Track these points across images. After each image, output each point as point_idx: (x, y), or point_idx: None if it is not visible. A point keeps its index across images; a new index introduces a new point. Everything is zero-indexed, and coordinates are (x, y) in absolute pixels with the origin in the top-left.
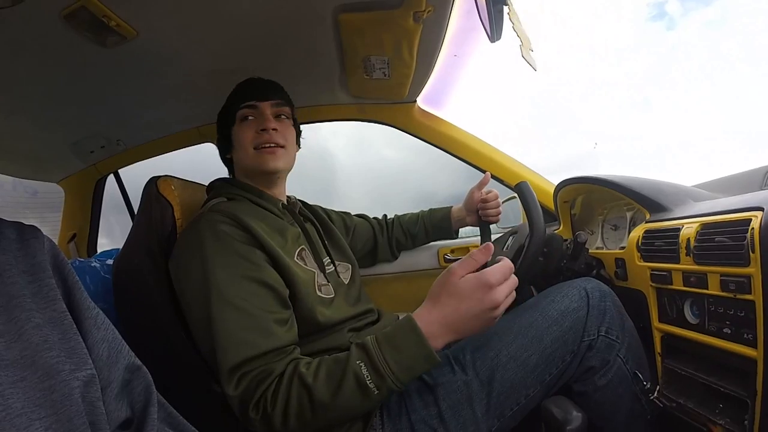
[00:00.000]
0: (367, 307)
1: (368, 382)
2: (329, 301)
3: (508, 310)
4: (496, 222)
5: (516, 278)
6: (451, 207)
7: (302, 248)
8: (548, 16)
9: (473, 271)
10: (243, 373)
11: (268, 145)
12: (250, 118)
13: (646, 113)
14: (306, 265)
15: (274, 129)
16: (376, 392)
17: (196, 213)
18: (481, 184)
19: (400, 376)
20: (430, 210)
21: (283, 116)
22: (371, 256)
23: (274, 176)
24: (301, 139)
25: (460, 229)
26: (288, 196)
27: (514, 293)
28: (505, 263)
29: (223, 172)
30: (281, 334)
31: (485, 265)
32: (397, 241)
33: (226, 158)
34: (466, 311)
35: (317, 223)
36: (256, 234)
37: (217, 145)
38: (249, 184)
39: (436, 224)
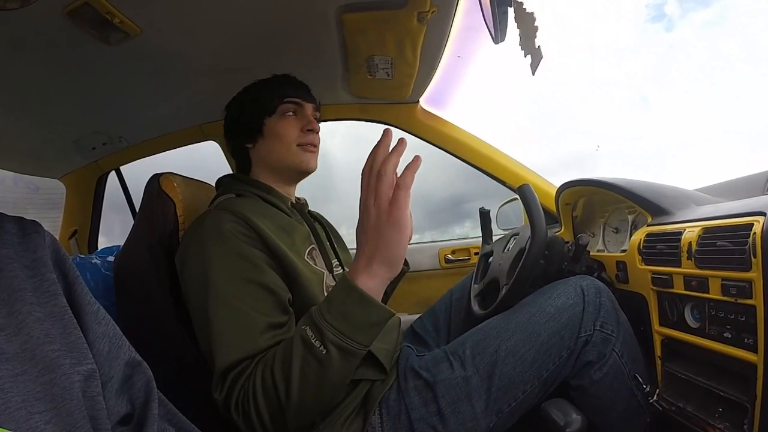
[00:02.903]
0: None
1: (313, 340)
2: None
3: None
4: None
5: (387, 173)
6: None
7: (312, 247)
8: (548, 16)
9: None
10: (226, 375)
11: (312, 145)
12: (291, 114)
13: (646, 113)
14: (315, 264)
15: (317, 132)
16: (324, 351)
17: (201, 210)
18: None
19: (337, 325)
20: None
21: (317, 121)
22: None
23: (305, 176)
24: None
25: (461, 231)
26: (297, 197)
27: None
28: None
29: (221, 171)
30: (267, 338)
31: (488, 264)
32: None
33: (244, 147)
34: (367, 229)
35: (325, 225)
36: (261, 233)
37: (231, 132)
38: (259, 181)
39: None
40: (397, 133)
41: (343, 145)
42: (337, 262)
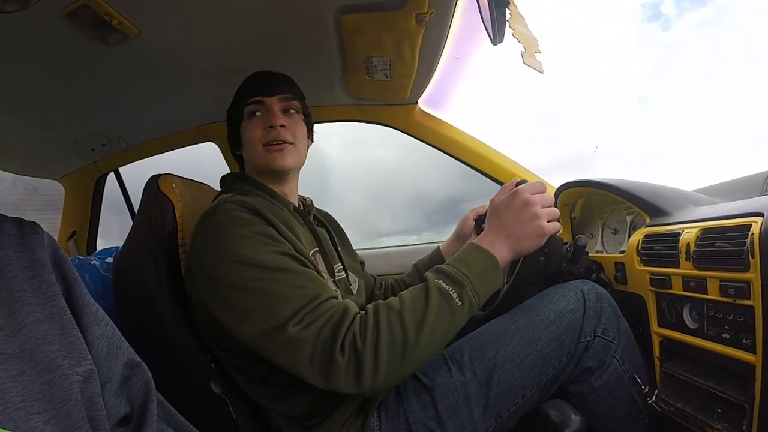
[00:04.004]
0: None
1: (451, 291)
2: None
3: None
4: None
5: (551, 196)
6: (438, 246)
7: (315, 250)
8: (548, 16)
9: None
10: (311, 314)
11: (276, 142)
12: (257, 114)
13: (645, 113)
14: (318, 268)
15: (282, 125)
16: (459, 303)
17: (200, 211)
18: (474, 214)
19: (476, 285)
20: (420, 260)
21: (292, 110)
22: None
23: (284, 174)
24: (314, 133)
25: None
26: (303, 198)
27: (554, 207)
28: (529, 183)
29: (219, 172)
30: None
31: None
32: (392, 292)
33: (237, 155)
34: (509, 219)
35: (330, 228)
36: (273, 222)
37: (228, 142)
38: (260, 182)
39: (427, 263)
40: (390, 133)
41: (341, 146)
42: (340, 266)
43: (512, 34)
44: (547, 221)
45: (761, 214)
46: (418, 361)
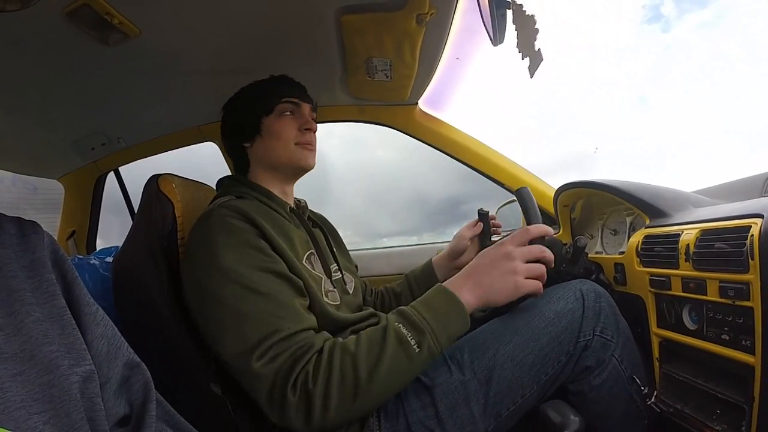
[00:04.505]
0: (368, 312)
1: (409, 338)
2: (335, 308)
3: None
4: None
5: (540, 248)
6: (431, 258)
7: (311, 252)
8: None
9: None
10: (275, 347)
11: (309, 144)
12: (289, 113)
13: (645, 114)
14: (314, 270)
15: (314, 131)
16: (417, 350)
17: (202, 210)
18: (471, 228)
19: (438, 332)
20: (411, 271)
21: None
22: None
23: (303, 173)
24: None
25: None
26: (297, 200)
27: (544, 258)
28: (522, 229)
29: (219, 172)
30: (309, 316)
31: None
32: (382, 300)
33: (242, 146)
34: (483, 264)
35: (325, 229)
36: (265, 231)
37: (228, 132)
38: (259, 185)
39: (418, 275)
40: (389, 134)
41: (340, 146)
42: (336, 267)
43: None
44: (527, 277)
45: (761, 216)
46: (371, 404)
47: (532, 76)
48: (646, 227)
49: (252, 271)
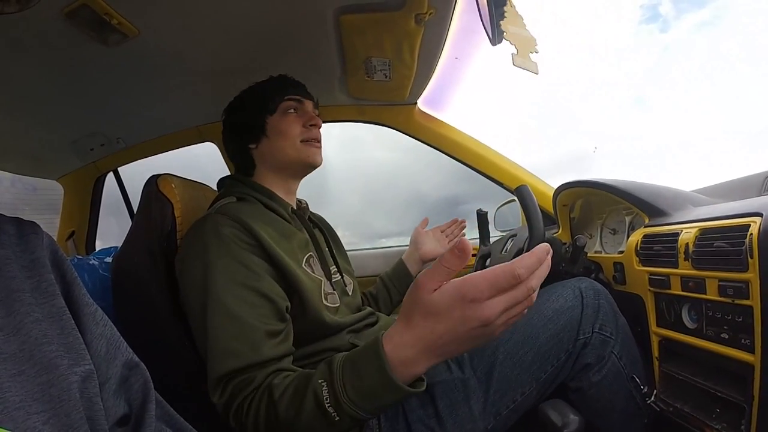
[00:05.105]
0: (366, 312)
1: (327, 405)
2: (334, 310)
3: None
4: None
5: (528, 286)
6: (401, 258)
7: (310, 255)
8: (548, 16)
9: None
10: (227, 380)
11: (315, 140)
12: (292, 111)
13: (645, 113)
14: (313, 272)
15: (319, 127)
16: (337, 418)
17: (202, 210)
18: (423, 224)
19: (360, 403)
20: (385, 272)
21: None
22: None
23: (310, 170)
24: None
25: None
26: (299, 200)
27: (529, 300)
28: (500, 271)
29: (218, 172)
30: (270, 346)
31: (485, 266)
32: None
33: (248, 148)
34: (445, 332)
35: (325, 231)
36: (261, 240)
37: (232, 134)
38: (261, 185)
39: (391, 275)
40: (387, 134)
41: (338, 147)
42: (335, 269)
43: (504, 35)
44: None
45: (760, 214)
46: None
47: (537, 73)
48: (645, 226)
49: (233, 288)
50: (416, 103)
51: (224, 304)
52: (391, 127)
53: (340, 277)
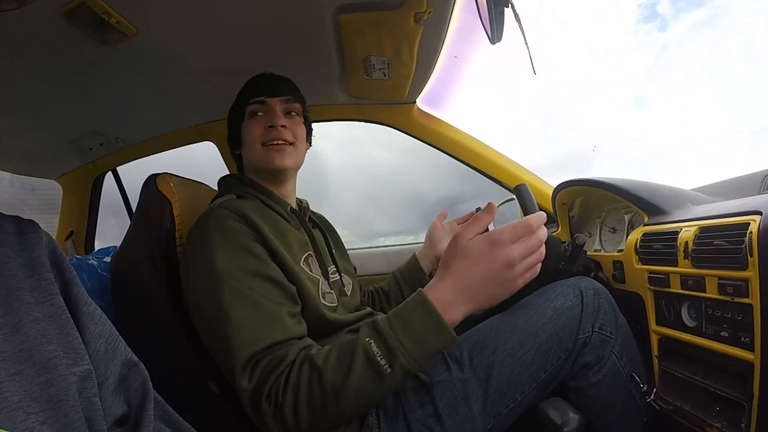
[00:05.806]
0: (365, 311)
1: (379, 358)
2: (332, 309)
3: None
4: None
5: (538, 238)
6: (415, 253)
7: (308, 254)
8: (548, 16)
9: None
10: (255, 362)
11: (276, 142)
12: (259, 114)
13: (644, 113)
14: (311, 271)
15: (282, 126)
16: (389, 370)
17: (200, 210)
18: (441, 217)
19: (412, 350)
20: (398, 268)
21: (293, 113)
22: None
23: (282, 174)
24: (312, 137)
25: None
26: (299, 200)
27: (539, 252)
28: (517, 222)
29: (218, 172)
30: (293, 325)
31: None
32: (372, 301)
33: (236, 154)
34: (478, 273)
35: (324, 230)
36: (262, 233)
37: (227, 142)
38: (258, 183)
39: (404, 271)
40: (386, 134)
41: (336, 146)
42: (334, 269)
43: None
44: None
45: (759, 213)
46: (344, 418)
47: (535, 72)
48: (644, 225)
49: (244, 275)
50: (415, 102)
51: (241, 292)
52: (390, 126)
53: (338, 277)
